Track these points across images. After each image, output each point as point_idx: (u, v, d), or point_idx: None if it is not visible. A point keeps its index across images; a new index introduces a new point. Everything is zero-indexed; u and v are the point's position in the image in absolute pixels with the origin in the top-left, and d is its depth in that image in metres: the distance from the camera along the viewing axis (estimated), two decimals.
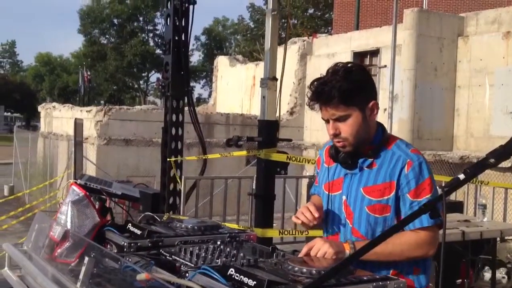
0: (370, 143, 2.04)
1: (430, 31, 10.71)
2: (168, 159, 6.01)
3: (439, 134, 10.89)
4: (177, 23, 5.92)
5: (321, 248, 1.90)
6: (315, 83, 2.01)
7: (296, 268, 1.69)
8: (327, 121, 2.02)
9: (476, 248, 4.72)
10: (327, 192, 2.16)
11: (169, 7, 6.00)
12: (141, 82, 48.82)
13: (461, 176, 1.31)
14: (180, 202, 6.07)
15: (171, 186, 6.12)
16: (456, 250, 4.22)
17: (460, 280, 4.81)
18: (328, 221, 2.16)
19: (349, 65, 2.01)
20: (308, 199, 2.41)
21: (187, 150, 10.15)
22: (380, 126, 2.10)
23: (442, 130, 10.92)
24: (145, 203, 4.80)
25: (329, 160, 2.16)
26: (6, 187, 15.62)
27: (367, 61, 12.34)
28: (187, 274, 1.69)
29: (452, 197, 8.14)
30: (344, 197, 2.09)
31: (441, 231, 1.77)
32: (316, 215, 2.04)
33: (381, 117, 11.06)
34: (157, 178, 7.18)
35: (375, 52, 11.95)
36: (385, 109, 10.06)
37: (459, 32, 11.00)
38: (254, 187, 5.82)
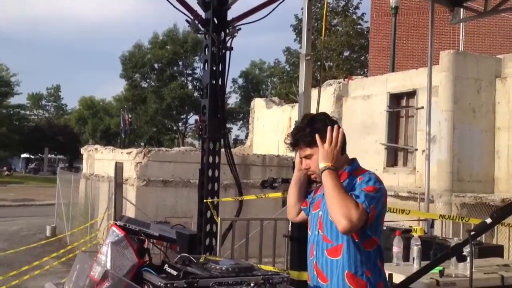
0: (342, 171, 2.54)
1: (467, 73, 10.66)
2: (204, 200, 6.10)
3: (479, 176, 10.67)
4: (214, 68, 6.12)
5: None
6: (290, 132, 2.63)
7: None
8: (302, 158, 2.61)
9: None
10: (313, 212, 2.69)
11: (207, 53, 6.22)
12: (179, 124, 49.73)
13: (488, 220, 1.33)
14: (217, 243, 6.12)
15: (208, 227, 6.18)
16: None
17: None
18: (310, 235, 2.73)
19: (315, 115, 2.65)
20: None
21: (224, 191, 10.23)
22: (354, 160, 2.63)
23: (483, 172, 10.70)
24: (182, 244, 4.86)
25: (317, 190, 2.74)
26: (49, 228, 15.99)
27: (403, 103, 12.31)
28: None
29: (494, 241, 7.92)
30: (320, 213, 2.60)
31: (468, 273, 1.77)
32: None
33: (419, 158, 10.96)
34: (195, 219, 7.25)
35: (411, 94, 11.92)
36: (423, 151, 9.96)
37: (496, 74, 10.90)
38: (289, 229, 5.82)
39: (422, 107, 10.86)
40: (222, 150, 6.39)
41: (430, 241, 4.74)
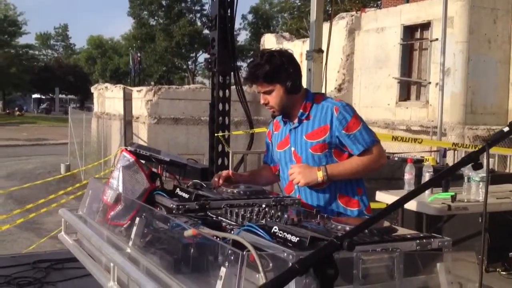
0: (304, 102, 2.58)
1: (483, 2, 10.32)
2: (215, 134, 6.11)
3: (493, 108, 10.55)
4: None
5: (295, 178, 2.47)
6: (247, 67, 2.59)
7: (339, 226, 1.71)
8: (260, 93, 2.58)
9: None
10: (280, 150, 2.68)
11: None
12: (189, 62, 49.30)
13: (506, 129, 1.29)
14: None
15: (219, 161, 6.22)
16: (508, 220, 4.12)
17: None
18: (284, 171, 2.65)
19: (272, 51, 2.55)
20: None
21: (235, 128, 10.23)
22: (307, 90, 2.67)
23: (497, 104, 10.56)
24: (194, 178, 4.91)
25: (277, 127, 2.74)
26: (63, 166, 16.26)
27: (417, 35, 12.01)
28: (232, 232, 1.74)
29: (507, 169, 7.91)
30: (293, 148, 2.60)
31: (480, 198, 1.74)
32: (221, 181, 2.58)
33: (433, 92, 10.82)
34: (206, 155, 7.29)
35: (426, 25, 11.61)
36: (436, 84, 9.81)
37: None
38: None
39: (437, 39, 10.60)
40: (233, 87, 6.34)
41: (442, 170, 4.72)
